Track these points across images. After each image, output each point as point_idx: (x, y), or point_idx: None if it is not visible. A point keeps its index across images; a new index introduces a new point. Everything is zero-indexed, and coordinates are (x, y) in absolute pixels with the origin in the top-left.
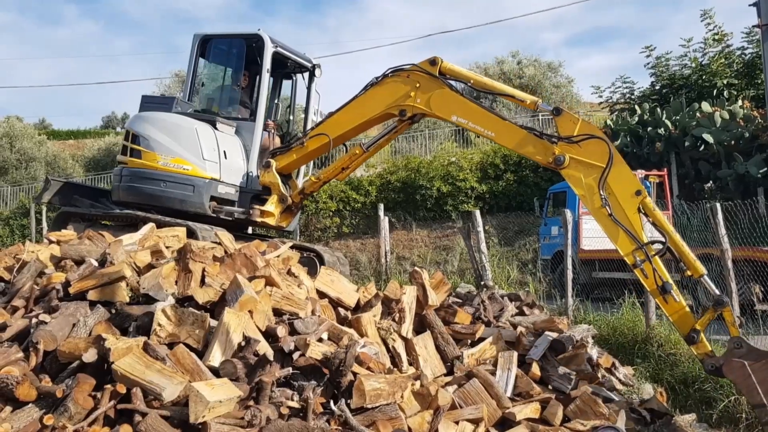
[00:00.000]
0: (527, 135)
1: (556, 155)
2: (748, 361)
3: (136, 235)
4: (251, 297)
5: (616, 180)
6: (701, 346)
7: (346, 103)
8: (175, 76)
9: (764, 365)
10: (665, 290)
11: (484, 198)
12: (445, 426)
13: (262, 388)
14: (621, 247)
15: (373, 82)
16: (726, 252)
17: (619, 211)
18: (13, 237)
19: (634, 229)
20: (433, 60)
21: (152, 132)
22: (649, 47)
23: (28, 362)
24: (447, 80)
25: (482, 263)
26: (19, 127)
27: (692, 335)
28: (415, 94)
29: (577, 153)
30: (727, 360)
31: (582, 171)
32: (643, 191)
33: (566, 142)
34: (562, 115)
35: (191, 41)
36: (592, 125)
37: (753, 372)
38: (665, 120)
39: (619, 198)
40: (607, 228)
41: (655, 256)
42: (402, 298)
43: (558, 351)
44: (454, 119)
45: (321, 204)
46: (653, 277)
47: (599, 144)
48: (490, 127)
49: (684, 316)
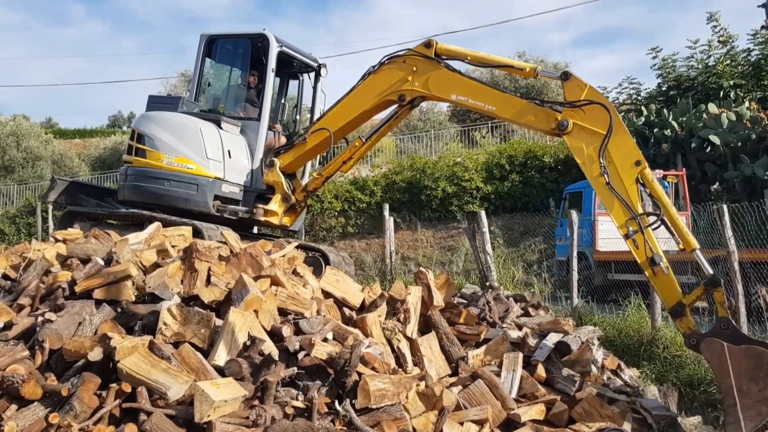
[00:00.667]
0: (527, 104)
1: (558, 120)
2: (727, 343)
3: (142, 234)
4: (257, 296)
5: (616, 149)
6: (685, 321)
7: (344, 95)
8: (181, 75)
9: (743, 350)
10: (654, 262)
11: (490, 198)
12: (449, 427)
13: (267, 388)
14: (615, 217)
15: (370, 71)
16: (733, 254)
17: (617, 181)
18: (20, 235)
19: (630, 199)
20: (428, 42)
21: (157, 131)
22: (655, 49)
23: (33, 360)
24: (443, 60)
25: (487, 264)
26: (25, 126)
27: (677, 308)
28: (412, 78)
29: (581, 119)
30: (708, 338)
31: (584, 138)
32: (643, 162)
33: (569, 107)
34: (570, 79)
35: (198, 41)
36: (599, 93)
37: (730, 354)
38: (672, 121)
39: (619, 167)
40: (604, 196)
41: (648, 228)
42: (407, 299)
43: (563, 352)
44: (454, 98)
45: (326, 204)
46: (644, 248)
47: (603, 111)
48: (490, 101)
49: (671, 289)
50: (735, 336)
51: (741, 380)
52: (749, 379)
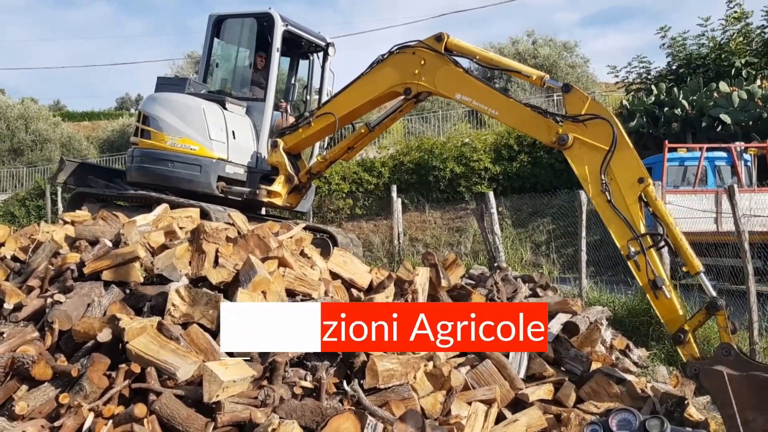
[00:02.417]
0: (530, 113)
1: (559, 134)
2: (727, 370)
3: (150, 215)
4: (264, 278)
5: (619, 165)
6: (688, 347)
7: (351, 81)
8: (188, 57)
9: (745, 378)
10: (656, 285)
11: (498, 179)
12: (457, 407)
13: (276, 368)
14: (616, 236)
15: (378, 59)
16: (743, 234)
17: (618, 198)
18: (29, 217)
19: (632, 218)
20: (439, 36)
21: (161, 112)
22: (664, 28)
23: (43, 341)
24: (452, 57)
25: (495, 245)
26: (34, 109)
27: (679, 335)
28: (419, 72)
29: (582, 133)
30: (707, 367)
31: (585, 153)
32: (647, 179)
33: (571, 121)
34: (571, 92)
35: (206, 22)
36: (602, 106)
37: (729, 381)
38: (682, 100)
39: (621, 184)
40: (605, 214)
41: (650, 249)
42: (415, 280)
43: (572, 333)
44: (458, 97)
45: (334, 186)
46: (645, 270)
47: (605, 125)
48: (494, 105)
49: (673, 314)
50: (738, 362)
51: (745, 410)
52: (753, 409)
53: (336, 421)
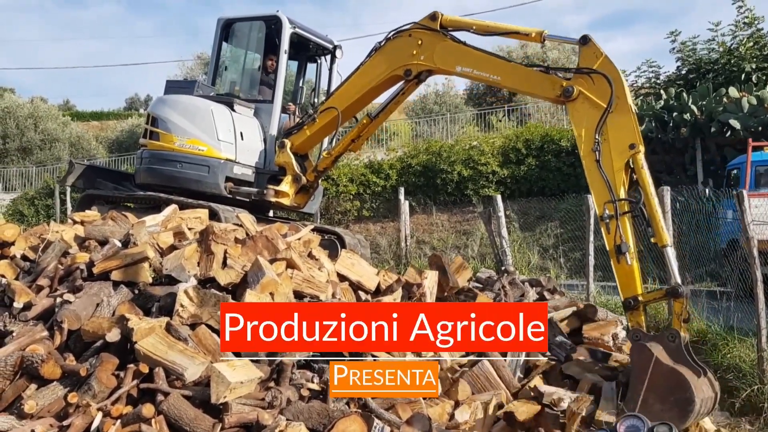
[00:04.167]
0: (532, 72)
1: (564, 87)
2: (661, 354)
3: (159, 216)
4: (272, 279)
5: (614, 127)
6: (636, 315)
7: (351, 73)
8: (197, 58)
9: (668, 371)
10: (620, 251)
11: (506, 182)
12: (460, 411)
13: (283, 370)
14: (595, 197)
15: (376, 47)
16: (752, 240)
17: (607, 160)
18: (38, 217)
19: (614, 182)
20: (433, 15)
21: (170, 114)
22: (674, 32)
23: (52, 341)
24: (449, 32)
25: (503, 248)
26: (43, 108)
27: (630, 301)
28: (417, 52)
29: (588, 88)
30: (642, 343)
31: (588, 109)
32: (639, 145)
33: (577, 73)
34: (588, 44)
35: (215, 25)
36: (613, 65)
37: (654, 364)
38: (691, 105)
39: (612, 147)
40: (590, 173)
41: (623, 216)
42: (423, 282)
43: (585, 318)
44: (459, 70)
45: (341, 187)
46: (614, 234)
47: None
48: (495, 71)
49: (630, 281)
50: (676, 352)
51: (649, 394)
52: (657, 397)
53: (343, 424)
